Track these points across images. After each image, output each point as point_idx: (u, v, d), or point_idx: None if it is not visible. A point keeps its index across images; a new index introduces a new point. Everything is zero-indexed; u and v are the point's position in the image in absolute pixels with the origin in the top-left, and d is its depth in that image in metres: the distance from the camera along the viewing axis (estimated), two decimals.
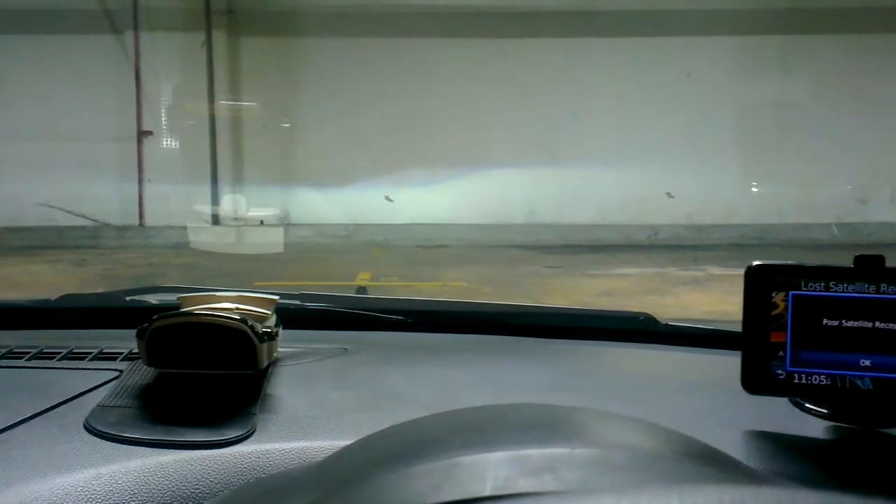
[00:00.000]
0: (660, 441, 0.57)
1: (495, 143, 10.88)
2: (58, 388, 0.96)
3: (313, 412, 0.91)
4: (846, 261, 0.81)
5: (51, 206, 10.49)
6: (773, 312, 0.81)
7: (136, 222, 10.73)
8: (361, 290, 1.91)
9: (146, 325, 0.93)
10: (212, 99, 10.91)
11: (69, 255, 9.46)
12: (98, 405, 0.90)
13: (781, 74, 11.04)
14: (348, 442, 0.76)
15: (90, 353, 1.11)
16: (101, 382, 0.98)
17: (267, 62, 11.00)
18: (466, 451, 0.51)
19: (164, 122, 10.78)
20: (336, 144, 10.85)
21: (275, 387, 0.98)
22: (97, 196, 10.62)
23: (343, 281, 7.89)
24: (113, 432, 0.83)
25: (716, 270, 8.60)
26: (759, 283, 0.81)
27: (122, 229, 10.61)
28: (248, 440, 0.83)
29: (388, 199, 10.97)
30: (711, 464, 0.56)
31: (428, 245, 10.25)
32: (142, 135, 10.77)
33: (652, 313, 1.40)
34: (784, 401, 0.89)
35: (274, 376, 1.02)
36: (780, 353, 0.81)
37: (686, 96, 10.94)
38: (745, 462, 0.71)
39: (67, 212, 10.56)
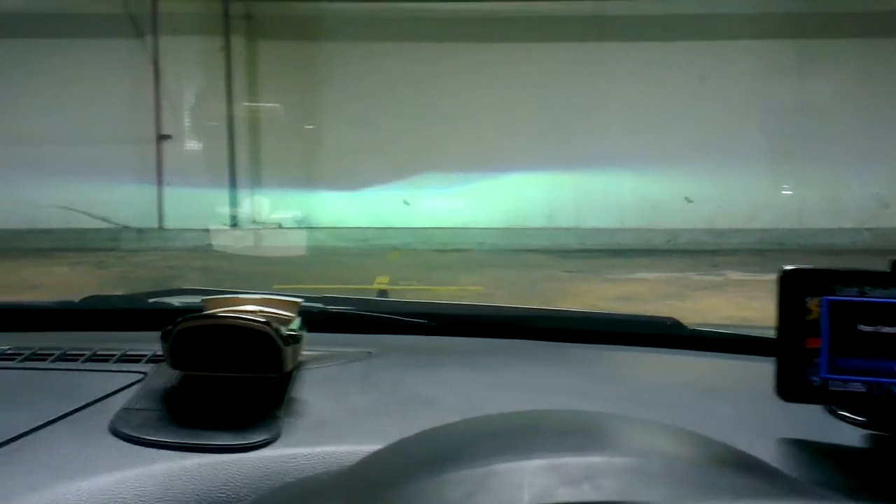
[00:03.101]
0: (697, 449, 0.56)
1: (513, 148, 10.86)
2: (82, 391, 0.95)
3: (339, 416, 0.90)
4: (870, 266, 0.80)
5: (70, 209, 10.56)
6: (808, 318, 0.79)
7: (156, 225, 10.79)
8: (382, 293, 1.88)
9: (171, 327, 0.92)
10: (230, 103, 10.96)
11: (89, 257, 9.53)
12: (123, 408, 0.90)
13: (801, 78, 10.96)
14: (375, 447, 0.75)
15: (114, 356, 1.10)
16: (125, 385, 0.98)
17: (285, 66, 11.04)
18: (501, 458, 0.49)
19: (183, 126, 10.84)
20: (354, 148, 10.87)
21: (299, 390, 0.98)
22: (117, 199, 10.68)
23: (361, 284, 7.90)
24: (138, 435, 0.82)
25: (735, 275, 8.54)
26: (792, 288, 0.80)
27: (142, 232, 10.67)
28: (274, 444, 0.82)
29: (405, 202, 10.97)
30: (749, 472, 0.55)
31: (445, 249, 10.25)
32: (161, 138, 10.83)
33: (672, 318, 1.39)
34: (817, 408, 0.87)
35: (298, 380, 1.01)
36: (816, 360, 0.79)
37: (705, 100, 10.88)
38: (781, 470, 0.69)
39: (87, 214, 10.63)
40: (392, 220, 10.83)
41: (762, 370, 0.86)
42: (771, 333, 1.24)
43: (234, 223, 10.86)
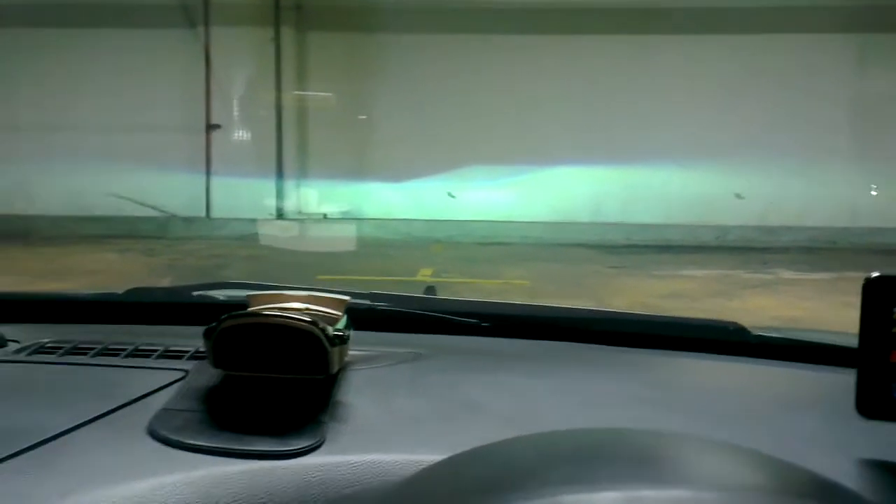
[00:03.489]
0: (779, 479, 0.52)
1: (561, 141, 10.78)
2: (122, 389, 0.93)
3: (386, 422, 0.87)
4: None
5: (121, 197, 10.73)
6: (895, 330, 0.74)
7: (203, 214, 10.91)
8: (430, 289, 1.81)
9: (214, 324, 0.89)
10: (279, 93, 11.03)
11: (138, 244, 9.67)
12: (163, 408, 0.87)
13: (855, 73, 10.70)
14: (424, 457, 0.71)
15: (156, 351, 1.08)
16: (166, 383, 0.95)
17: (334, 57, 11.07)
18: (570, 487, 0.46)
19: (232, 116, 10.93)
20: (400, 140, 10.88)
21: (345, 393, 0.94)
22: (166, 188, 10.83)
23: (405, 276, 7.90)
24: (178, 438, 0.79)
25: (786, 274, 8.38)
26: (878, 298, 0.74)
27: (189, 220, 10.80)
28: (318, 451, 0.79)
29: (450, 195, 10.95)
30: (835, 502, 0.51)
31: (489, 242, 10.21)
32: (210, 128, 10.94)
33: (718, 316, 1.33)
34: None
35: (344, 382, 0.97)
36: None
37: (756, 94, 10.69)
38: (863, 496, 0.64)
39: (137, 202, 10.79)
40: (437, 213, 10.82)
41: (838, 382, 0.81)
42: (843, 341, 1.18)
43: (280, 213, 10.94)
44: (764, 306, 6.77)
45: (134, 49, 10.81)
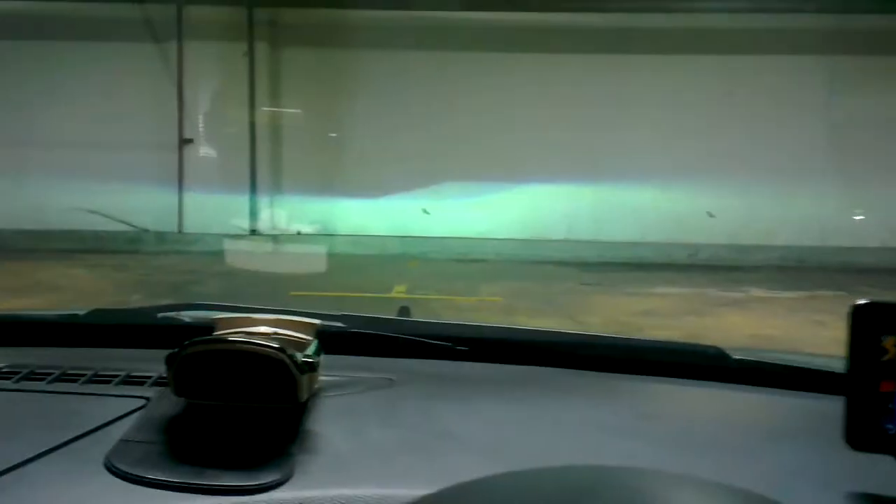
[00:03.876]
0: None
1: (534, 159, 10.81)
2: (80, 418, 0.89)
3: (358, 454, 0.83)
4: (894, 285, 0.72)
5: (91, 212, 10.60)
6: (884, 359, 0.72)
7: (176, 229, 10.80)
8: (404, 309, 1.76)
9: (176, 350, 0.85)
10: (253, 109, 10.98)
11: (109, 259, 9.55)
12: (121, 440, 0.83)
13: (826, 94, 10.85)
14: (398, 491, 0.69)
15: (117, 377, 1.03)
16: (126, 412, 0.91)
17: (308, 73, 11.05)
18: None
19: (204, 131, 10.86)
20: (375, 156, 10.86)
21: (315, 422, 0.91)
22: (138, 202, 10.73)
23: (379, 293, 7.86)
24: (135, 472, 0.76)
25: (758, 292, 8.44)
26: (866, 325, 0.72)
27: (162, 235, 10.70)
28: (286, 485, 0.75)
29: (425, 211, 10.94)
30: None
31: (464, 259, 10.20)
32: (183, 143, 10.86)
33: (692, 335, 1.31)
34: (890, 459, 0.77)
35: (314, 411, 0.94)
36: (891, 406, 0.72)
37: (729, 115, 10.80)
38: None
39: (108, 217, 10.67)
40: (411, 229, 10.80)
41: (823, 410, 0.79)
42: (826, 365, 1.17)
43: (254, 229, 10.86)
44: (737, 324, 6.80)
45: (105, 64, 10.73)
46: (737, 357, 1.23)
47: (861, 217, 10.70)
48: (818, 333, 6.52)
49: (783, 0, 9.79)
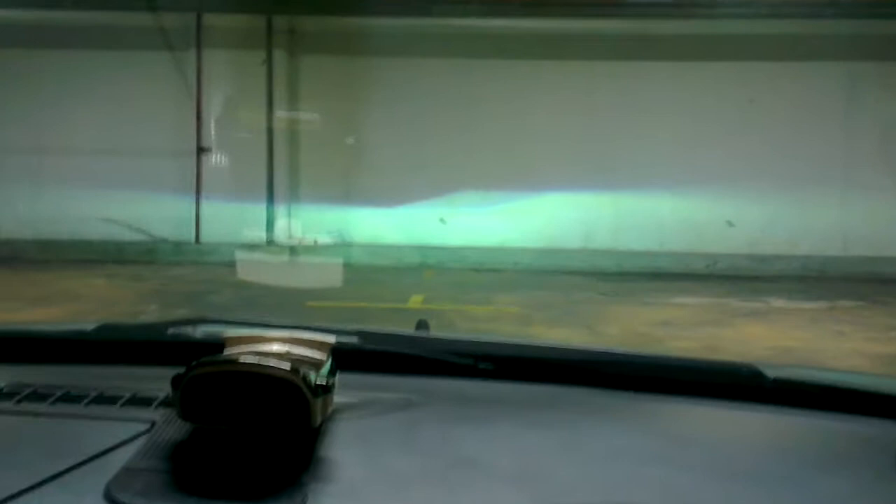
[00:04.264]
0: None
1: (552, 167, 10.77)
2: (80, 443, 0.84)
3: (375, 483, 0.79)
4: None
5: (111, 221, 10.65)
6: None
7: (193, 239, 10.83)
8: (422, 323, 1.69)
9: (183, 371, 0.81)
10: (271, 117, 11.00)
11: (127, 269, 9.59)
12: (123, 467, 0.79)
13: (848, 102, 10.74)
14: None
15: (122, 397, 0.99)
16: (129, 437, 0.87)
17: (326, 81, 11.06)
18: None
19: (222, 140, 10.88)
20: (392, 165, 10.85)
21: (329, 448, 0.87)
22: (155, 212, 10.76)
23: (395, 303, 7.84)
24: (138, 503, 0.72)
25: (778, 303, 8.36)
26: None
27: (179, 245, 10.72)
28: None
29: (442, 221, 10.91)
30: None
31: (481, 268, 10.17)
32: (201, 152, 10.89)
33: (711, 346, 1.26)
34: None
35: (328, 435, 0.90)
36: None
37: (749, 123, 10.71)
38: None
39: (127, 226, 10.71)
40: (428, 238, 10.78)
41: (873, 435, 0.74)
42: (869, 384, 1.11)
43: (271, 238, 10.87)
44: (756, 335, 6.74)
45: (125, 72, 10.77)
46: (773, 376, 1.17)
47: (883, 227, 10.53)
48: (840, 345, 6.44)
49: (803, 6, 9.68)
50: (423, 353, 1.23)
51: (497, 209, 10.87)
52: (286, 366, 0.81)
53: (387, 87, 10.91)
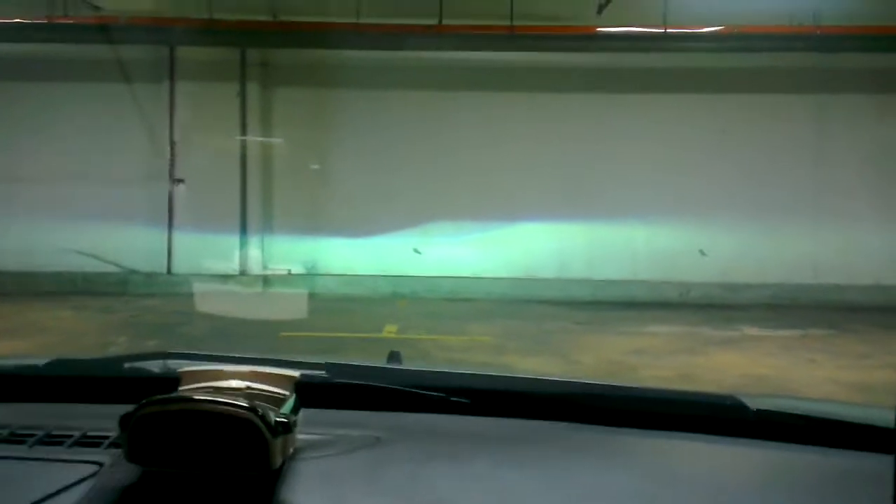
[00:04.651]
0: None
1: (525, 197, 10.79)
2: (22, 488, 0.79)
3: None
4: (887, 324, 0.66)
5: (80, 253, 10.52)
6: None
7: (164, 270, 10.71)
8: (394, 355, 1.63)
9: (131, 411, 0.76)
10: (244, 148, 10.95)
11: (97, 301, 9.46)
12: None
13: (817, 133, 10.89)
14: None
15: (70, 437, 0.94)
16: (74, 481, 0.82)
17: (300, 113, 11.05)
18: None
19: (195, 170, 10.81)
20: (366, 196, 10.83)
21: (290, 491, 0.82)
22: (127, 243, 10.64)
23: (369, 333, 7.79)
24: None
25: (751, 331, 8.40)
26: None
27: (150, 276, 10.60)
28: None
29: (416, 251, 10.89)
30: None
31: (455, 298, 10.14)
32: (174, 182, 10.81)
33: (685, 375, 1.23)
34: None
35: (289, 476, 0.85)
36: None
37: (721, 153, 10.82)
38: None
39: (97, 258, 10.58)
40: (402, 269, 10.74)
41: (861, 468, 0.71)
42: (852, 415, 1.09)
43: (244, 269, 10.78)
44: (730, 363, 6.75)
45: (98, 103, 10.71)
46: (755, 407, 1.14)
47: (852, 255, 10.65)
48: (812, 373, 6.46)
49: (774, 39, 9.83)
50: (393, 385, 1.18)
51: (471, 239, 10.87)
52: (243, 403, 0.77)
53: (360, 119, 10.92)
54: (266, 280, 10.63)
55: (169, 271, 10.71)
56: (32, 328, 7.67)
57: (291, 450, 0.85)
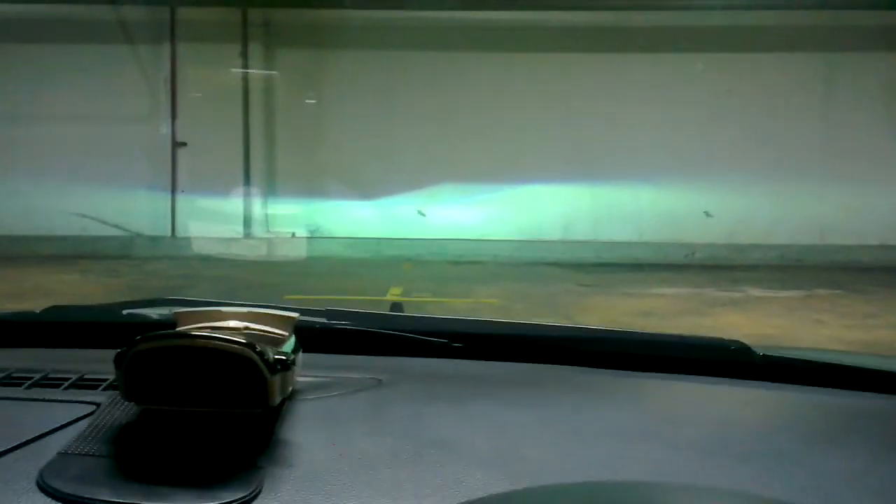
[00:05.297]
0: None
1: (530, 159, 10.74)
2: (16, 427, 0.78)
3: (338, 465, 0.73)
4: (892, 283, 0.64)
5: (85, 216, 10.52)
6: None
7: (169, 233, 10.72)
8: (396, 306, 1.61)
9: (125, 348, 0.74)
10: (246, 110, 10.89)
11: (101, 265, 9.47)
12: (59, 452, 0.72)
13: (826, 92, 10.78)
14: None
15: (68, 379, 0.93)
16: (71, 420, 0.80)
17: (303, 74, 10.97)
18: None
19: (198, 134, 10.76)
20: (369, 157, 10.78)
21: (289, 430, 0.80)
22: (130, 206, 10.64)
23: (374, 295, 7.79)
24: (72, 492, 0.65)
25: (756, 292, 8.39)
26: None
27: (155, 240, 10.60)
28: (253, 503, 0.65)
29: (420, 213, 10.86)
30: None
31: (460, 261, 10.13)
32: (176, 146, 10.77)
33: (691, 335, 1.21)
34: None
35: (289, 416, 0.83)
36: None
37: (727, 113, 10.73)
38: None
39: (101, 221, 10.58)
40: (406, 231, 10.72)
41: (869, 409, 0.69)
42: (857, 361, 1.07)
43: (248, 232, 10.78)
44: (735, 324, 6.75)
45: (98, 66, 10.62)
46: (761, 352, 1.11)
47: (859, 216, 10.60)
48: (818, 332, 6.47)
49: None
50: (394, 331, 1.16)
51: (476, 201, 10.84)
52: (240, 339, 0.74)
53: (364, 80, 10.83)
54: (270, 243, 10.62)
55: (173, 234, 10.72)
56: (38, 292, 7.67)
57: (290, 389, 0.83)
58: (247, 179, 10.88)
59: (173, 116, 10.75)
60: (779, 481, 0.67)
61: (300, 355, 0.87)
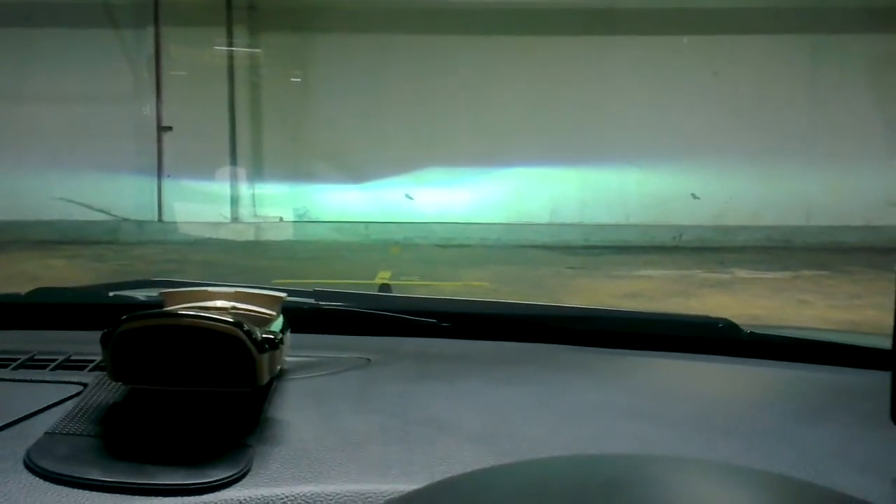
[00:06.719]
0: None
1: (518, 142, 10.73)
2: (3, 408, 0.77)
3: (327, 445, 0.73)
4: (877, 264, 0.65)
5: (70, 201, 10.45)
6: None
7: (155, 218, 10.67)
8: (385, 287, 1.61)
9: (112, 328, 0.74)
10: (232, 95, 10.83)
11: (87, 250, 9.42)
12: (46, 432, 0.72)
13: (810, 74, 10.81)
14: (373, 487, 0.60)
15: (54, 361, 0.93)
16: (57, 400, 0.80)
17: (288, 58, 10.91)
18: None
19: (184, 118, 10.69)
20: (357, 141, 10.75)
21: (278, 409, 0.80)
22: (117, 191, 10.58)
23: (362, 279, 7.79)
24: (60, 471, 0.65)
25: (742, 273, 8.43)
26: None
27: (141, 224, 10.55)
28: (241, 482, 0.65)
29: (408, 196, 10.85)
30: None
31: (448, 244, 10.14)
32: (161, 130, 10.70)
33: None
34: None
35: (277, 395, 0.83)
36: None
37: (713, 96, 10.74)
38: None
39: (87, 206, 10.52)
40: (394, 215, 10.71)
41: (855, 385, 0.71)
42: (844, 339, 1.08)
43: (235, 216, 10.74)
44: (722, 305, 6.78)
45: (82, 50, 10.52)
46: (748, 330, 1.12)
47: (844, 197, 10.65)
48: (804, 313, 6.51)
49: None
50: (382, 311, 1.16)
51: (463, 184, 10.83)
52: (228, 318, 0.75)
53: (350, 64, 10.78)
54: (258, 227, 10.59)
55: (160, 219, 10.67)
56: (24, 277, 7.63)
57: (279, 368, 0.83)
58: (233, 164, 10.83)
59: (158, 100, 10.67)
60: (766, 455, 0.67)
61: (288, 335, 0.87)
